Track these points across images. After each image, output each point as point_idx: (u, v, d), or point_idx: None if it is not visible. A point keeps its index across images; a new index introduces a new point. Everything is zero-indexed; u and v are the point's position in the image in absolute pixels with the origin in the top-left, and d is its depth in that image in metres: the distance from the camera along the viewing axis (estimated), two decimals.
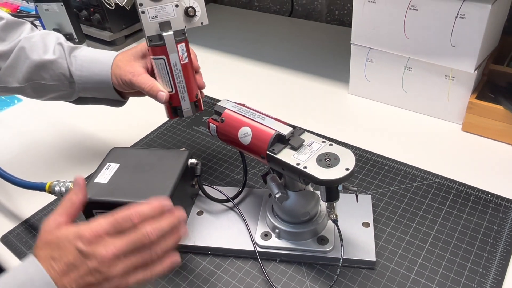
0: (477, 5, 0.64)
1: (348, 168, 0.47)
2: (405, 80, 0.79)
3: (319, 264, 0.56)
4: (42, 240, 0.44)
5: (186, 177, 0.61)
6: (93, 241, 0.42)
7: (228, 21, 1.26)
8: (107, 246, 0.42)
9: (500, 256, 0.54)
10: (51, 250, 0.43)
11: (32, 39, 0.65)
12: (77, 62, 0.64)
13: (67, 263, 0.42)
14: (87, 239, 0.42)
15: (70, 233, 0.43)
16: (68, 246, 0.42)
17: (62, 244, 0.43)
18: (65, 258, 0.42)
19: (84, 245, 0.42)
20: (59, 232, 0.44)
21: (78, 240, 0.42)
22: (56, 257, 0.42)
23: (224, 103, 0.58)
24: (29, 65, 0.64)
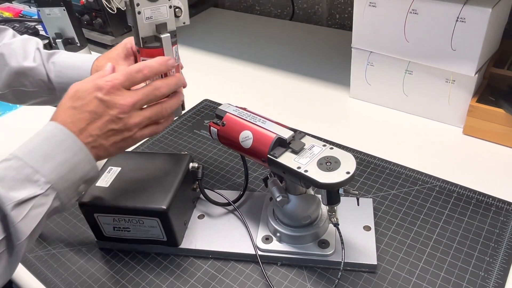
0: (477, 9, 0.64)
1: (349, 172, 0.47)
2: (405, 84, 0.79)
3: (320, 267, 0.56)
4: (64, 100, 0.48)
5: (187, 181, 0.61)
6: (111, 92, 0.47)
7: (230, 25, 1.27)
8: (125, 97, 0.48)
9: (501, 259, 0.54)
10: (72, 102, 0.47)
11: (11, 45, 0.65)
12: (56, 69, 0.64)
13: (90, 111, 0.47)
14: (106, 89, 0.47)
15: (88, 85, 0.47)
16: (88, 97, 0.47)
17: (81, 95, 0.47)
18: (86, 107, 0.47)
19: (104, 94, 0.47)
20: (78, 86, 0.48)
21: (97, 91, 0.47)
22: (77, 107, 0.47)
23: (225, 107, 0.58)
24: (8, 72, 0.64)
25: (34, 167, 0.44)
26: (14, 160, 0.45)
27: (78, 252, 0.62)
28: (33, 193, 0.44)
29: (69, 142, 0.46)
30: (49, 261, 0.61)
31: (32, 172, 0.44)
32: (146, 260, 0.60)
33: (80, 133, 0.47)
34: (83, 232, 0.64)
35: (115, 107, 0.47)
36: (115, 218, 0.57)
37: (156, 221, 0.56)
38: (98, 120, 0.47)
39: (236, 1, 1.39)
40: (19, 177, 0.44)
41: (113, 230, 0.59)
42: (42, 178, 0.44)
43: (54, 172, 0.45)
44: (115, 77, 0.48)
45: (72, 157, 0.46)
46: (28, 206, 0.43)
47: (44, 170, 0.44)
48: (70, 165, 0.46)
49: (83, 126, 0.47)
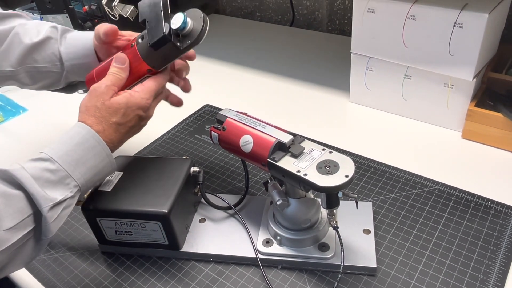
0: (474, 14, 0.65)
1: (347, 175, 0.48)
2: (404, 88, 0.80)
3: (320, 271, 0.56)
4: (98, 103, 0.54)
5: (189, 185, 0.62)
6: (148, 108, 0.57)
7: (231, 31, 1.28)
8: (153, 109, 0.59)
9: (500, 262, 0.54)
10: (118, 118, 0.54)
11: (26, 26, 0.68)
12: (66, 41, 0.68)
13: (131, 126, 0.56)
14: (146, 108, 0.56)
15: (132, 103, 0.55)
16: (132, 114, 0.55)
17: (127, 112, 0.55)
18: (130, 123, 0.55)
19: (144, 112, 0.56)
20: (119, 100, 0.55)
21: (140, 109, 0.56)
22: (122, 123, 0.55)
23: (226, 112, 0.59)
24: (22, 49, 0.66)
25: (67, 171, 0.49)
26: (49, 162, 0.49)
27: (81, 256, 0.62)
28: (65, 196, 0.49)
29: (99, 148, 0.52)
30: (52, 265, 0.61)
31: (65, 175, 0.49)
32: (148, 264, 0.60)
33: (118, 143, 0.55)
34: (86, 236, 0.65)
35: (146, 119, 0.58)
36: (117, 222, 0.58)
37: (158, 225, 0.57)
38: (132, 130, 0.57)
39: (237, 8, 1.40)
40: (54, 179, 0.48)
41: (115, 234, 0.59)
42: (73, 182, 0.50)
43: (84, 176, 0.51)
44: (151, 94, 0.57)
45: (100, 162, 0.52)
46: (61, 208, 0.49)
47: (75, 175, 0.50)
48: (97, 169, 0.52)
49: (123, 138, 0.56)
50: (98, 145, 0.52)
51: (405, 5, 0.71)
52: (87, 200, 0.57)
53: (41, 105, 1.00)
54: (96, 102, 0.54)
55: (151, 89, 0.57)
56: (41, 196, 0.46)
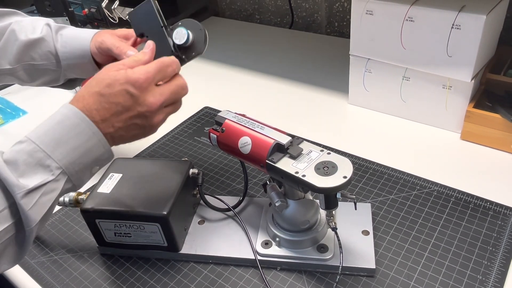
0: (472, 16, 0.65)
1: (346, 176, 0.48)
2: (403, 90, 0.80)
3: (319, 272, 0.56)
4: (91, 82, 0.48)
5: (188, 187, 0.62)
6: (143, 87, 0.47)
7: (230, 34, 1.28)
8: (155, 95, 0.48)
9: (499, 263, 0.54)
10: (100, 87, 0.46)
11: (22, 22, 0.68)
12: (62, 39, 0.67)
13: (117, 103, 0.46)
14: (138, 84, 0.46)
15: (121, 76, 0.47)
16: (118, 88, 0.46)
17: (111, 83, 0.46)
18: (115, 98, 0.46)
19: (135, 89, 0.46)
20: (111, 72, 0.47)
21: (128, 84, 0.46)
22: (105, 94, 0.46)
23: (224, 114, 0.59)
24: (18, 46, 0.66)
25: (46, 151, 0.44)
26: (26, 143, 0.44)
27: (80, 258, 0.62)
28: (44, 179, 0.44)
29: (83, 126, 0.46)
30: (51, 267, 0.61)
31: (44, 156, 0.44)
32: (147, 266, 0.60)
33: (102, 123, 0.47)
34: (85, 238, 0.65)
35: (144, 105, 0.47)
36: (116, 224, 0.58)
37: (157, 226, 0.57)
38: (124, 113, 0.47)
39: (236, 10, 1.41)
40: (31, 161, 0.44)
41: (114, 236, 0.59)
42: (53, 163, 0.44)
43: (66, 157, 0.45)
44: (147, 70, 0.48)
45: (86, 141, 0.46)
46: (39, 194, 0.43)
47: (56, 155, 0.44)
48: (83, 149, 0.46)
49: (107, 116, 0.47)
50: (82, 123, 0.46)
51: (403, 7, 0.71)
52: (86, 202, 0.58)
53: (41, 107, 1.00)
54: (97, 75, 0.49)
55: (149, 66, 0.48)
56: (12, 182, 0.42)
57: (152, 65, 0.48)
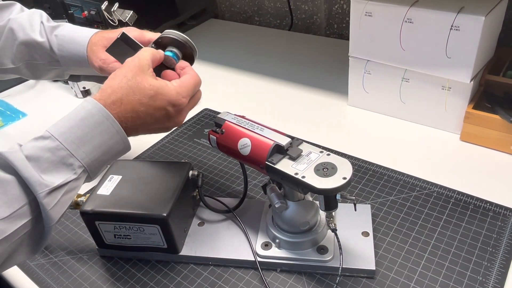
0: (470, 17, 0.65)
1: (345, 177, 0.48)
2: (402, 91, 0.80)
3: (319, 273, 0.56)
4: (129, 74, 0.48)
5: (188, 189, 0.62)
6: (180, 109, 0.51)
7: (229, 36, 1.28)
8: (184, 114, 0.53)
9: (499, 264, 0.54)
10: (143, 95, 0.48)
11: (19, 20, 0.66)
12: (58, 42, 0.66)
13: (152, 116, 0.49)
14: (178, 107, 0.50)
15: (166, 92, 0.49)
16: (160, 103, 0.49)
17: (155, 97, 0.48)
18: (153, 110, 0.49)
19: (174, 111, 0.50)
20: (152, 81, 0.49)
21: (171, 105, 0.50)
22: (145, 104, 0.48)
23: (224, 115, 0.59)
24: (18, 45, 0.65)
25: (69, 150, 0.44)
26: (50, 140, 0.44)
27: (80, 260, 0.62)
28: (66, 178, 0.44)
29: (107, 124, 0.46)
30: (51, 269, 0.61)
31: (67, 155, 0.44)
32: (147, 268, 0.60)
33: (130, 127, 0.48)
34: (84, 240, 0.65)
35: (173, 121, 0.52)
36: (116, 226, 0.58)
37: (157, 228, 0.57)
38: (153, 124, 0.50)
39: (235, 12, 1.41)
40: (54, 159, 0.43)
41: (114, 238, 0.59)
42: (76, 162, 0.44)
43: (89, 155, 0.45)
44: (188, 94, 0.51)
45: (109, 139, 0.46)
46: (61, 193, 0.43)
47: (79, 154, 0.44)
48: (106, 147, 0.46)
49: (138, 123, 0.49)
50: (106, 121, 0.46)
51: (402, 9, 0.71)
52: (85, 204, 0.58)
53: (40, 110, 1.00)
54: (126, 73, 0.48)
55: (189, 88, 0.52)
56: (35, 181, 0.41)
57: (191, 87, 0.52)
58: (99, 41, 0.64)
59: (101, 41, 0.64)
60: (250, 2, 1.35)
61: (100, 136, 0.45)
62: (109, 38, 0.63)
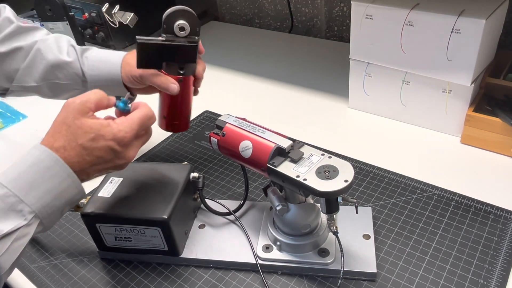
0: (471, 20, 0.65)
1: (347, 180, 0.48)
2: (403, 94, 0.80)
3: (320, 276, 0.56)
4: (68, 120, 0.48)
5: (188, 191, 0.62)
6: (126, 144, 0.49)
7: (230, 38, 1.29)
8: (134, 149, 0.51)
9: (500, 267, 0.54)
10: (84, 139, 0.47)
11: (47, 41, 0.69)
12: (89, 62, 0.69)
13: (99, 156, 0.48)
14: (124, 142, 0.49)
15: (106, 132, 0.48)
16: (103, 143, 0.48)
17: (96, 138, 0.47)
18: (98, 152, 0.48)
19: (120, 147, 0.49)
20: (92, 123, 0.48)
21: (115, 142, 0.48)
22: (88, 147, 0.47)
23: (225, 118, 0.59)
24: (45, 65, 0.68)
25: (19, 196, 0.43)
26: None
27: (80, 262, 0.62)
28: (16, 225, 0.43)
29: (56, 168, 0.45)
30: (51, 272, 0.61)
31: (16, 201, 0.43)
32: (147, 270, 0.60)
33: (80, 171, 0.47)
34: (85, 243, 0.65)
35: (123, 158, 0.50)
36: (117, 228, 0.58)
37: (157, 230, 0.56)
38: (102, 164, 0.49)
39: (236, 15, 1.41)
40: (3, 206, 0.43)
41: (115, 240, 0.59)
42: (26, 208, 0.43)
43: (40, 201, 0.44)
44: (132, 127, 0.50)
45: (60, 184, 0.46)
46: (11, 239, 0.43)
47: (29, 200, 0.44)
48: (57, 192, 0.46)
49: (86, 167, 0.48)
50: (56, 165, 0.45)
51: (403, 11, 0.71)
52: (86, 206, 0.57)
53: (40, 112, 1.00)
54: (65, 117, 0.48)
55: (133, 122, 0.50)
56: None
57: (135, 121, 0.50)
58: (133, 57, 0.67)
59: (132, 56, 0.68)
60: (250, 5, 1.35)
61: (50, 181, 0.45)
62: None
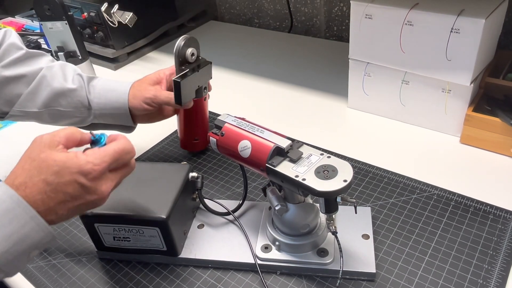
0: (471, 20, 0.65)
1: (346, 180, 0.48)
2: (402, 94, 0.80)
3: (319, 276, 0.56)
4: (33, 153, 0.43)
5: (187, 191, 0.62)
6: (96, 178, 0.43)
7: (229, 38, 1.29)
8: (107, 182, 0.45)
9: (500, 267, 0.54)
10: (47, 174, 0.42)
11: (53, 69, 0.69)
12: (95, 91, 0.70)
13: (65, 193, 0.42)
14: (92, 176, 0.43)
15: (72, 164, 0.42)
16: (68, 177, 0.42)
17: (61, 172, 0.42)
18: (64, 187, 0.42)
19: (88, 180, 0.43)
20: (57, 156, 0.43)
21: (81, 175, 0.42)
22: (52, 183, 0.42)
23: (224, 117, 0.59)
24: (49, 92, 0.67)
25: None
26: None
27: (79, 262, 0.62)
28: None
29: (18, 210, 0.41)
30: (50, 272, 0.61)
31: None
32: (146, 270, 0.60)
33: (45, 211, 0.42)
34: (84, 243, 0.65)
35: (94, 194, 0.44)
36: (115, 228, 0.57)
37: (156, 230, 0.56)
38: (71, 202, 0.43)
39: (235, 14, 1.41)
40: None
41: (113, 240, 0.59)
42: None
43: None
44: (103, 160, 0.44)
45: (21, 227, 0.41)
46: None
47: None
48: (18, 236, 0.41)
49: (52, 205, 0.42)
50: (17, 207, 0.41)
51: (403, 11, 0.71)
52: None
53: None
54: (31, 151, 0.44)
55: (106, 154, 0.44)
56: None
57: (109, 153, 0.45)
58: (141, 84, 0.70)
59: (142, 83, 0.70)
60: (249, 4, 1.35)
61: (10, 225, 0.41)
62: (149, 80, 0.70)
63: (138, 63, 1.21)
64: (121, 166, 0.47)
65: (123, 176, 0.48)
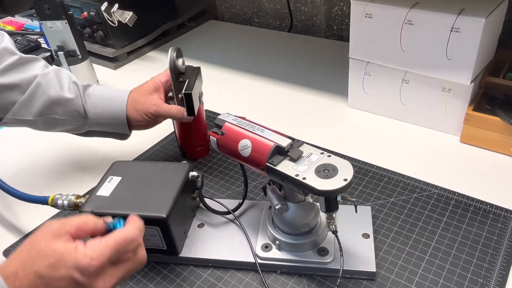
0: (471, 19, 0.65)
1: (346, 179, 0.48)
2: (402, 93, 0.80)
3: (320, 275, 0.56)
4: (35, 240, 0.41)
5: (187, 190, 0.62)
6: (92, 274, 0.40)
7: (229, 37, 1.28)
8: (106, 279, 0.41)
9: (500, 266, 0.54)
10: (41, 267, 0.39)
11: (48, 76, 0.68)
12: (91, 100, 0.69)
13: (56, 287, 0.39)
14: (88, 272, 0.39)
15: (69, 257, 0.39)
16: (62, 272, 0.39)
17: (56, 264, 0.39)
18: (56, 282, 0.39)
19: (83, 277, 0.39)
20: (57, 245, 0.40)
21: (77, 271, 0.39)
22: (44, 276, 0.39)
23: (224, 116, 0.59)
24: (45, 100, 0.66)
25: None
26: None
27: None
28: None
29: None
30: None
31: None
32: (146, 269, 0.60)
33: None
34: None
35: None
36: None
37: (156, 229, 0.56)
38: None
39: (235, 14, 1.41)
40: None
41: None
42: None
43: None
44: (102, 253, 0.40)
45: None
46: None
47: None
48: None
49: None
50: None
51: (403, 10, 0.71)
52: (85, 205, 0.57)
53: None
54: (35, 237, 0.41)
55: (106, 246, 0.41)
56: None
57: (110, 244, 0.41)
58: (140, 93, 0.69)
59: (142, 92, 0.69)
60: (249, 4, 1.35)
61: None
62: (148, 88, 0.69)
63: (138, 62, 1.20)
64: (125, 259, 0.43)
65: (127, 271, 0.43)
